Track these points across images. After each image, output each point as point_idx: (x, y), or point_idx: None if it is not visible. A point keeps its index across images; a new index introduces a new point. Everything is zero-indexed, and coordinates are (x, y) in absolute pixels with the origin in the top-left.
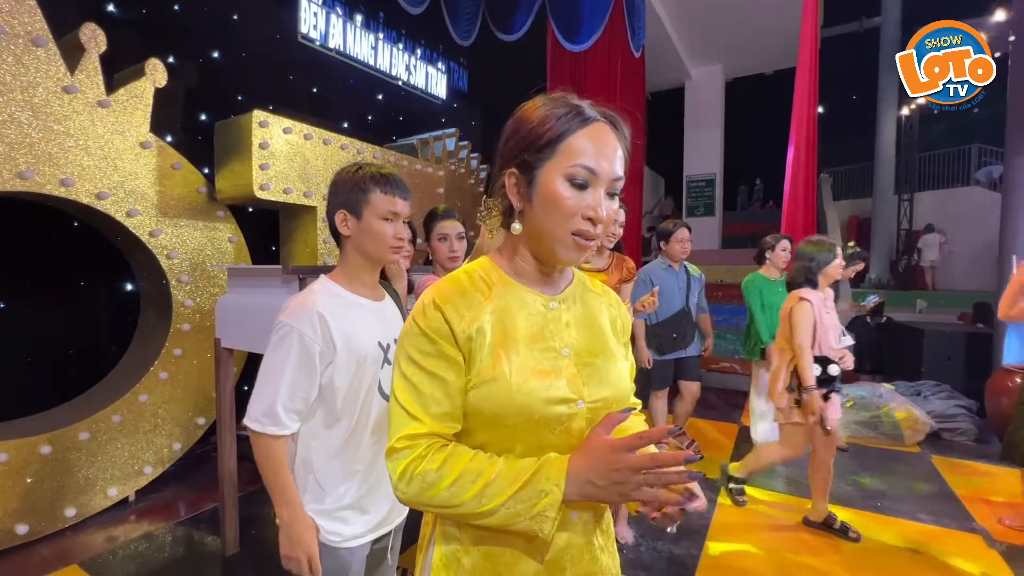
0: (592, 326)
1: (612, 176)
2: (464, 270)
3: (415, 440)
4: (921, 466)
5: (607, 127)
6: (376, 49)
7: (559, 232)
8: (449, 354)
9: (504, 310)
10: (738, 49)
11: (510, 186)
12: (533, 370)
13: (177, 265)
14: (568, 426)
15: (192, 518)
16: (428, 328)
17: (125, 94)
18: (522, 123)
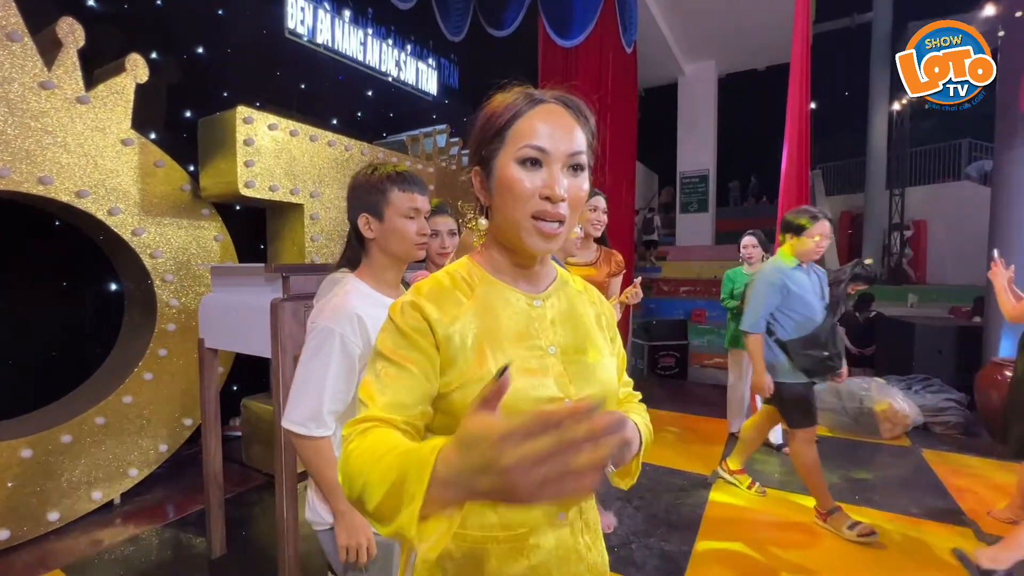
0: (577, 323)
1: (567, 151)
2: (445, 271)
3: (357, 426)
4: (912, 460)
5: (558, 106)
6: (365, 45)
7: (518, 217)
8: (423, 348)
9: (487, 309)
10: (731, 45)
11: (476, 185)
12: (520, 369)
13: (161, 264)
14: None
15: (178, 520)
16: (405, 325)
17: (105, 90)
18: (479, 119)
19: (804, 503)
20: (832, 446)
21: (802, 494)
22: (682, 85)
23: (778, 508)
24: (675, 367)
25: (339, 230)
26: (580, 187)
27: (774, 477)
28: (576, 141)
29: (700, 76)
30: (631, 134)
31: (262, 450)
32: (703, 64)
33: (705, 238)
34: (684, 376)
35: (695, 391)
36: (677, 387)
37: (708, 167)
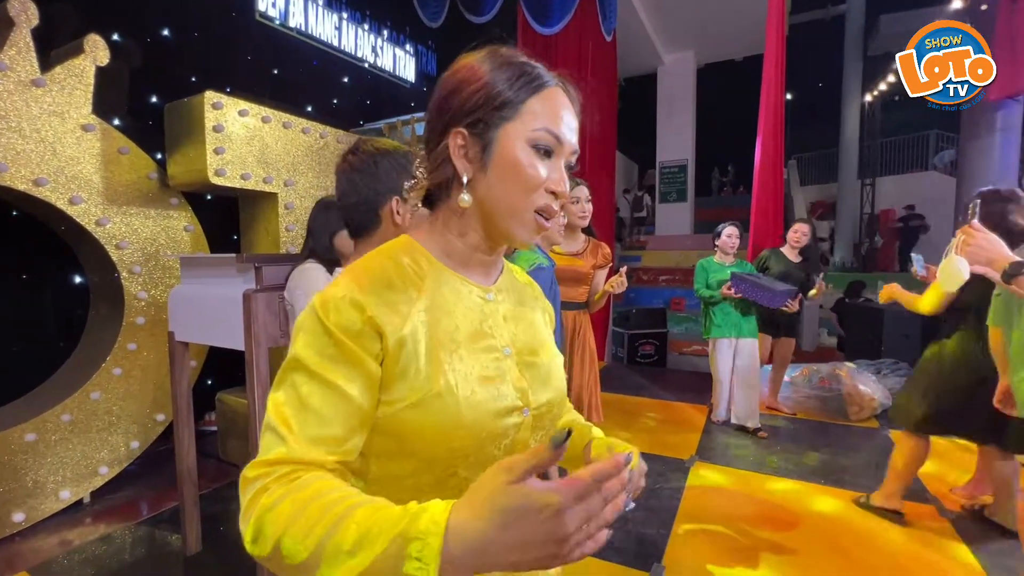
0: (527, 319)
1: (572, 147)
2: (387, 254)
3: (271, 467)
4: (879, 441)
5: (563, 94)
6: (340, 30)
7: (520, 207)
8: (361, 361)
9: (440, 305)
10: (709, 35)
11: (455, 148)
12: (478, 377)
13: (128, 256)
14: (514, 439)
15: (152, 518)
16: (338, 326)
17: (62, 72)
18: (471, 78)
19: (780, 485)
20: (803, 428)
21: (781, 476)
22: (661, 75)
23: (755, 490)
24: (654, 355)
25: None
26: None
27: (750, 459)
28: (576, 137)
29: (679, 66)
30: (611, 123)
31: (238, 444)
32: (682, 54)
33: (684, 227)
34: (663, 363)
35: (674, 378)
36: (656, 374)
37: (687, 157)
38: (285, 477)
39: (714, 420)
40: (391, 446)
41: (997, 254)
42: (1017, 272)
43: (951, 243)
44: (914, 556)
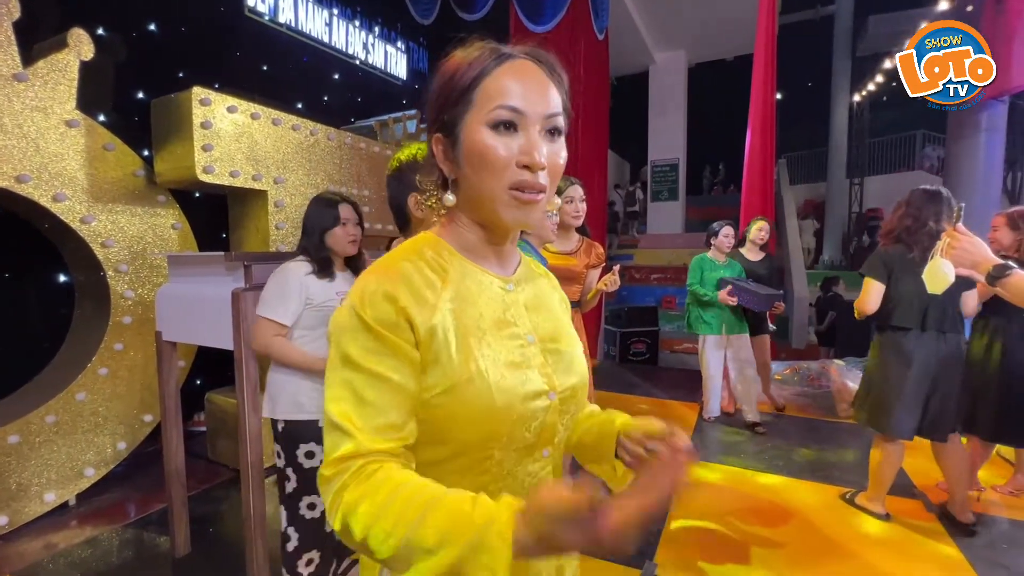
0: (548, 308)
1: (545, 112)
2: (411, 249)
3: (344, 463)
4: (866, 437)
5: (529, 62)
6: (331, 26)
7: (495, 189)
8: (403, 351)
9: (464, 296)
10: (700, 34)
11: (438, 153)
12: (506, 363)
13: (114, 254)
14: (543, 421)
15: (140, 520)
16: (376, 321)
17: (45, 67)
18: (438, 78)
19: (771, 482)
20: (792, 424)
21: (771, 472)
22: (653, 74)
23: (746, 487)
24: (646, 352)
25: None
26: (559, 153)
27: (740, 456)
28: (552, 100)
29: (670, 65)
30: (603, 122)
31: (228, 445)
32: (673, 53)
33: (675, 226)
34: (655, 362)
35: (665, 376)
36: (648, 372)
37: (678, 156)
38: (360, 472)
39: (706, 418)
40: (428, 433)
41: (981, 257)
42: (1001, 274)
43: (936, 246)
44: (901, 550)
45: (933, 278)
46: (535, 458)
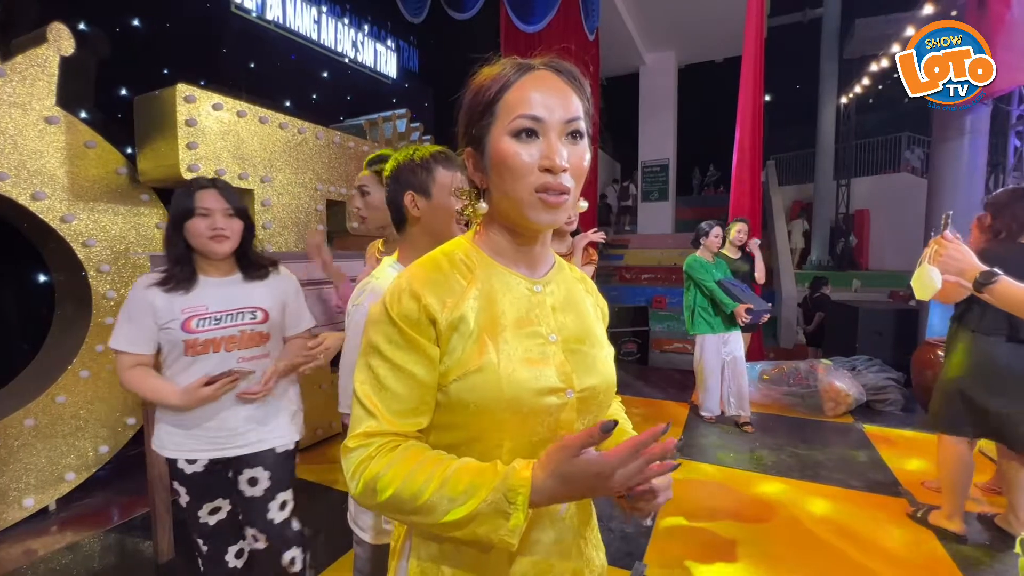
0: (577, 311)
1: (564, 118)
2: (442, 251)
3: (369, 439)
4: (853, 436)
5: (549, 73)
6: (319, 23)
7: (520, 193)
8: (422, 346)
9: (488, 294)
10: (690, 36)
11: (469, 166)
12: (522, 358)
13: (96, 254)
14: (557, 417)
15: (123, 525)
16: (401, 317)
17: (24, 62)
18: (466, 96)
19: (762, 480)
20: (780, 424)
21: (759, 472)
22: (643, 74)
23: (735, 486)
24: (637, 352)
25: (293, 217)
26: (582, 155)
27: (729, 455)
28: (572, 106)
29: (660, 66)
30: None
31: None
32: (663, 54)
33: (666, 226)
34: (645, 361)
35: (656, 375)
36: (639, 372)
37: (668, 156)
38: (384, 447)
39: (708, 417)
40: (444, 419)
41: (968, 264)
42: (987, 281)
43: (924, 253)
44: (886, 549)
45: (921, 284)
46: None
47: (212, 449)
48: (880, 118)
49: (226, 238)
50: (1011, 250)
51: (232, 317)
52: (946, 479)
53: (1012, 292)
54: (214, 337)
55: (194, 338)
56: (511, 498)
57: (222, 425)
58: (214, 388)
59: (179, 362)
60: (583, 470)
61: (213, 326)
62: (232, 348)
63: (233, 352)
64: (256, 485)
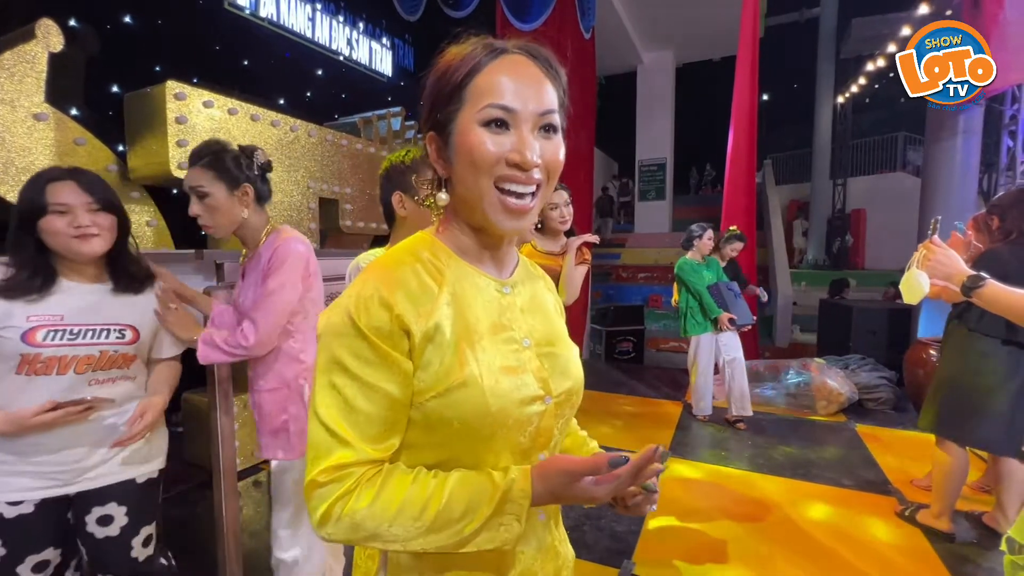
0: (543, 312)
1: (538, 110)
2: (406, 249)
3: (343, 471)
4: (845, 434)
5: (524, 58)
6: (314, 21)
7: (482, 186)
8: (395, 360)
9: (461, 298)
10: (688, 35)
11: (431, 152)
12: (501, 368)
13: None
14: (539, 426)
15: None
16: (370, 328)
17: (11, 58)
18: (431, 75)
19: (754, 479)
20: (772, 422)
21: (751, 471)
22: (641, 73)
23: (726, 485)
24: (632, 351)
25: (285, 215)
26: (555, 150)
27: (721, 454)
28: (547, 97)
29: (658, 65)
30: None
31: (204, 446)
32: (661, 53)
33: (663, 225)
34: (641, 360)
35: (651, 374)
36: (634, 371)
37: (665, 155)
38: (362, 479)
39: (701, 417)
40: (419, 438)
41: (956, 269)
42: (975, 285)
43: (912, 257)
44: (876, 547)
45: (909, 288)
46: (531, 462)
47: (46, 487)
48: (877, 118)
49: (94, 235)
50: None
51: (94, 334)
52: (939, 479)
53: (1000, 295)
54: (64, 355)
55: (35, 353)
56: (513, 510)
57: (62, 458)
58: (54, 416)
59: (6, 381)
60: (579, 493)
61: (66, 341)
62: (85, 370)
63: (85, 374)
64: (110, 524)
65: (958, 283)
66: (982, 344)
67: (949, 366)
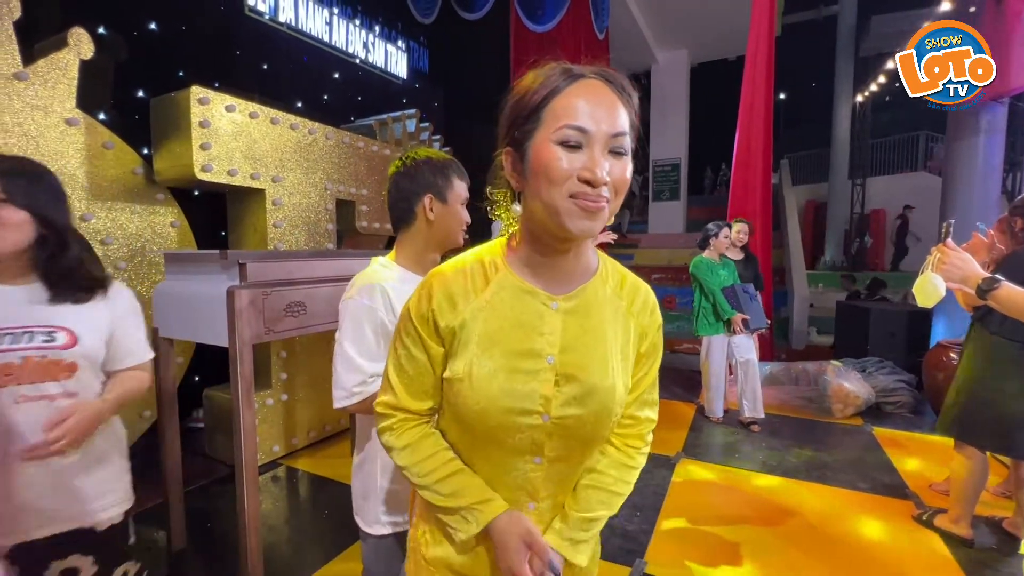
0: (593, 333)
1: (610, 132)
2: (474, 254)
3: (391, 410)
4: (862, 438)
5: (599, 82)
6: (331, 25)
7: (555, 198)
8: (427, 343)
9: (494, 306)
10: (703, 34)
11: (507, 166)
12: (505, 374)
13: (114, 251)
14: (529, 435)
15: (138, 513)
16: (416, 314)
17: (46, 66)
18: (510, 97)
19: (765, 482)
20: (787, 425)
21: (765, 473)
22: (655, 73)
23: (740, 487)
24: None
25: (303, 216)
26: (623, 170)
27: (735, 456)
28: (619, 120)
29: (672, 65)
30: None
31: (225, 441)
32: (675, 53)
33: (676, 226)
34: None
35: (665, 375)
36: None
37: (680, 155)
38: (404, 424)
39: (714, 419)
40: (446, 407)
41: (971, 271)
42: (990, 287)
43: (927, 261)
44: (893, 552)
45: (924, 292)
46: (526, 460)
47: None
48: (897, 116)
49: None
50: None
51: (14, 338)
52: (958, 485)
53: (1016, 297)
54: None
55: None
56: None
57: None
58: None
59: None
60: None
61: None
62: (7, 382)
63: (7, 388)
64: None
65: (973, 286)
66: (1004, 348)
67: (970, 369)
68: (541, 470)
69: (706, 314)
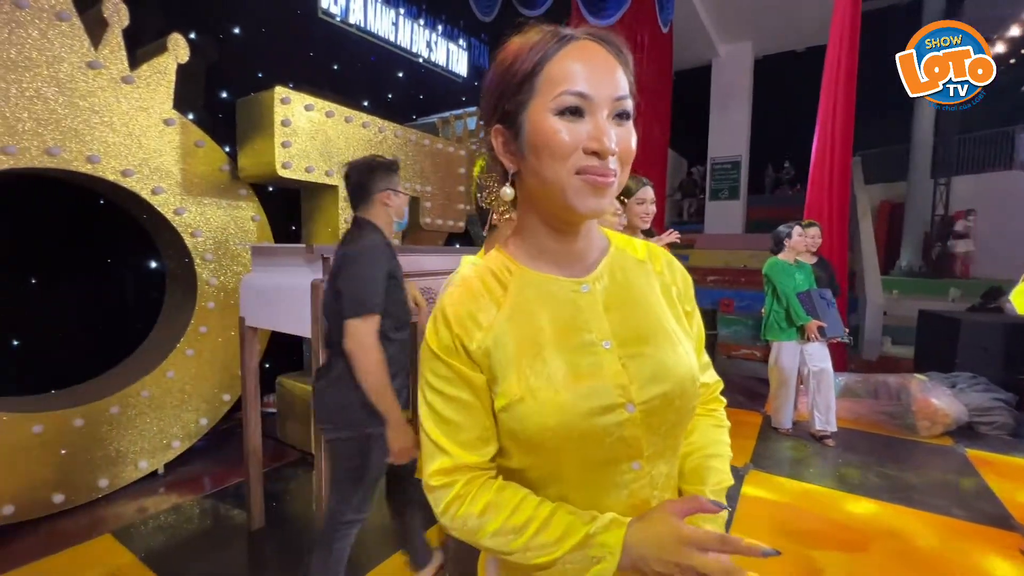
0: (637, 303)
1: (613, 95)
2: (475, 268)
3: (450, 476)
4: (954, 459)
5: (593, 43)
6: (397, 25)
7: (560, 175)
8: (466, 375)
9: (523, 310)
10: (769, 25)
11: (498, 146)
12: (567, 376)
13: (201, 244)
14: (620, 436)
15: (218, 492)
16: (440, 348)
17: (148, 70)
18: (495, 67)
19: (847, 500)
20: (865, 440)
21: (843, 491)
22: (716, 67)
23: (814, 505)
24: None
25: None
26: (628, 138)
27: (809, 471)
28: (620, 82)
29: (735, 58)
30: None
31: (297, 427)
32: (739, 45)
33: (735, 226)
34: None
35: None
36: None
37: (740, 153)
38: (472, 484)
39: (781, 429)
40: (505, 444)
41: None
42: None
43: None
44: None
45: None
46: (621, 471)
47: None
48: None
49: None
50: None
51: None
52: None
53: None
54: None
55: None
56: (603, 544)
57: None
58: None
59: None
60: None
61: None
62: None
63: None
64: None
65: None
66: None
67: None
68: (644, 476)
69: (778, 319)
